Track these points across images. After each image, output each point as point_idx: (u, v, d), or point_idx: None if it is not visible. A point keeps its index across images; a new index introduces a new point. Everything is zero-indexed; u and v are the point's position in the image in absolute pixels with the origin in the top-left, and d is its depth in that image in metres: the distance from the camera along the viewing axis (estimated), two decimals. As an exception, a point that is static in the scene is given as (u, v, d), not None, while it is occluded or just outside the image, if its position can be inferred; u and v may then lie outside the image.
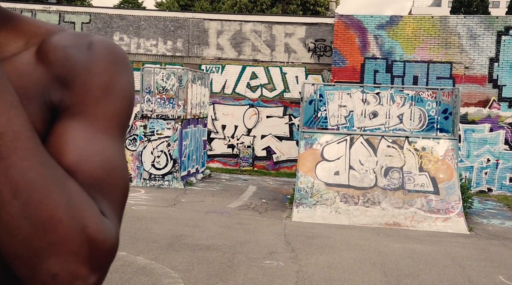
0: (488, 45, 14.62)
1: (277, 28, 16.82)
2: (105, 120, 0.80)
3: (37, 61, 0.81)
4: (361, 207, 10.84)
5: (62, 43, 0.82)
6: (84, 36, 0.84)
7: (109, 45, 0.85)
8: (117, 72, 0.83)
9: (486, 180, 14.67)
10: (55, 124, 0.78)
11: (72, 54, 0.81)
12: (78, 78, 0.80)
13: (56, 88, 0.80)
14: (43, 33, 0.84)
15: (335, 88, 12.88)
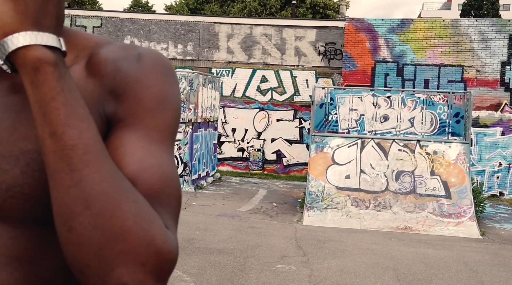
0: (500, 49, 14.54)
1: (288, 31, 16.83)
2: (158, 131, 0.82)
3: (88, 74, 0.82)
4: (372, 211, 10.80)
5: (112, 55, 0.84)
6: (132, 48, 0.86)
7: (157, 56, 0.87)
8: (167, 83, 0.85)
9: (498, 184, 14.58)
10: (111, 136, 0.80)
11: (123, 66, 0.83)
12: (130, 90, 0.82)
13: (109, 100, 0.82)
14: (92, 46, 0.86)
15: (346, 91, 12.86)
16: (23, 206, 0.76)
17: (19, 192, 0.76)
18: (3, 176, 0.76)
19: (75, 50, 0.86)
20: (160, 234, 0.69)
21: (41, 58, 0.68)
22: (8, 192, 0.76)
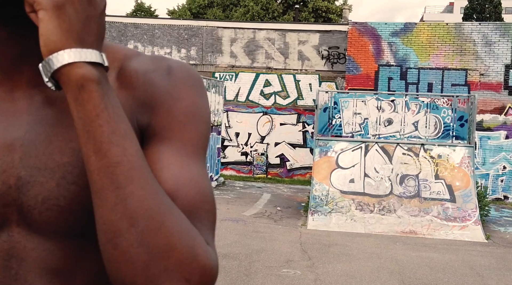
0: (504, 52, 14.54)
1: (291, 35, 16.85)
2: (192, 145, 0.83)
3: (119, 86, 0.83)
4: (376, 215, 10.78)
5: (142, 67, 0.85)
6: (161, 60, 0.87)
7: (187, 69, 0.88)
8: (198, 96, 0.86)
9: (502, 188, 14.55)
10: (146, 150, 0.81)
11: (154, 79, 0.84)
12: (162, 103, 0.82)
13: (142, 112, 0.83)
14: (121, 58, 0.86)
15: (350, 95, 12.86)
16: (58, 218, 0.77)
17: (55, 205, 0.76)
18: (39, 188, 0.76)
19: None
20: (202, 250, 0.70)
21: (85, 76, 0.68)
22: (43, 204, 0.76)
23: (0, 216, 0.77)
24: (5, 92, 0.81)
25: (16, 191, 0.76)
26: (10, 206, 0.77)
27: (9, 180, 0.77)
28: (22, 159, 0.77)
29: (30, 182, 0.76)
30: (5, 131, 0.79)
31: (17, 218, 0.77)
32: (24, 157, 0.77)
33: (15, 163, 0.77)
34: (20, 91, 0.81)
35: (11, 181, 0.77)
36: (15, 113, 0.80)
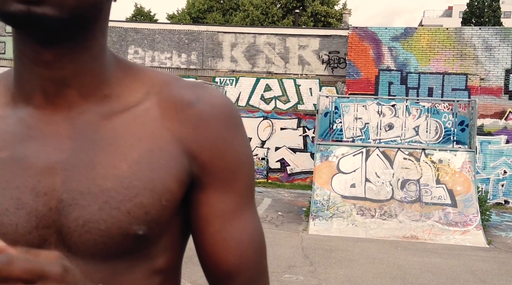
0: (504, 57, 14.56)
1: (291, 40, 16.87)
2: (244, 193, 0.87)
3: (163, 116, 0.84)
4: (378, 220, 10.78)
5: (185, 98, 0.85)
6: (201, 88, 0.88)
7: (230, 106, 0.88)
8: (244, 138, 0.88)
9: (502, 192, 14.55)
10: (194, 194, 0.85)
11: (201, 117, 0.84)
12: (214, 147, 0.84)
13: (190, 150, 0.84)
14: (161, 83, 0.87)
15: (351, 100, 12.87)
16: (97, 241, 0.78)
17: (95, 228, 0.77)
18: (81, 211, 0.77)
19: (145, 86, 0.87)
20: None
21: None
22: (84, 227, 0.77)
23: (40, 238, 0.78)
24: (46, 115, 0.81)
25: (56, 213, 0.78)
26: (50, 228, 0.78)
27: (50, 202, 0.78)
28: (64, 183, 0.78)
29: (71, 205, 0.77)
30: (47, 154, 0.80)
31: (56, 240, 0.78)
32: (66, 181, 0.78)
33: (56, 186, 0.78)
34: (62, 115, 0.82)
35: (52, 203, 0.78)
36: (57, 136, 0.81)
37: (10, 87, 0.84)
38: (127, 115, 0.82)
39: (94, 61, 0.82)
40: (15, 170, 0.79)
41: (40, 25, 0.73)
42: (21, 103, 0.82)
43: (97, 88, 0.82)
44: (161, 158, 0.80)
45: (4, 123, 0.82)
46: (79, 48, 0.79)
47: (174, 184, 0.81)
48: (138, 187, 0.78)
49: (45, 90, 0.81)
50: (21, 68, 0.81)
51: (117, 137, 0.81)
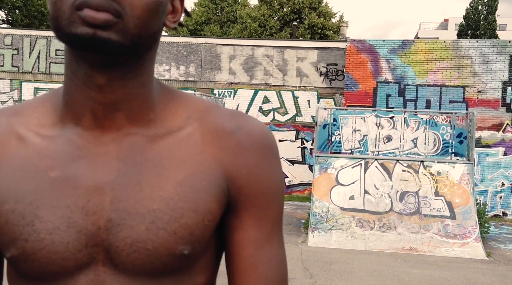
0: (501, 69, 14.64)
1: (289, 52, 16.94)
2: (276, 220, 0.92)
3: (204, 141, 0.88)
4: (377, 232, 10.77)
5: (226, 126, 0.89)
6: (241, 117, 0.92)
7: (268, 135, 0.93)
8: (279, 168, 0.92)
9: (501, 204, 14.56)
10: (229, 218, 0.89)
11: (238, 140, 0.89)
12: (252, 175, 0.88)
13: (227, 170, 0.87)
14: (201, 110, 0.91)
15: (349, 112, 12.91)
16: (144, 261, 0.80)
17: (142, 248, 0.80)
18: (129, 231, 0.80)
19: (187, 111, 0.90)
20: None
21: None
22: (132, 247, 0.80)
23: (89, 255, 0.80)
24: (94, 136, 0.84)
25: (105, 232, 0.80)
26: (98, 246, 0.80)
27: (98, 222, 0.80)
28: (112, 203, 0.81)
29: (120, 224, 0.80)
30: (96, 174, 0.82)
31: (103, 258, 0.81)
32: (114, 201, 0.81)
33: (105, 206, 0.81)
34: (110, 136, 0.85)
35: (101, 222, 0.80)
36: (105, 157, 0.83)
37: (57, 107, 0.87)
38: (171, 139, 0.85)
39: (143, 87, 0.85)
40: (66, 189, 0.81)
41: (103, 49, 0.76)
42: (70, 124, 0.85)
43: (144, 112, 0.86)
44: (203, 181, 0.84)
45: (54, 143, 0.85)
46: (130, 74, 0.83)
47: (214, 206, 0.84)
48: (183, 208, 0.81)
49: (95, 113, 0.84)
50: (73, 89, 0.84)
51: (162, 159, 0.84)
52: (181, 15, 0.91)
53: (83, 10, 0.75)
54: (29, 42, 17.65)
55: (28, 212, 0.81)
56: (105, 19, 0.75)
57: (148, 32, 0.80)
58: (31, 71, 17.68)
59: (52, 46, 17.60)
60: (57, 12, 0.77)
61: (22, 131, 0.87)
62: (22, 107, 0.91)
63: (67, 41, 0.78)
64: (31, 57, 17.67)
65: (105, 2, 0.75)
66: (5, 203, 0.82)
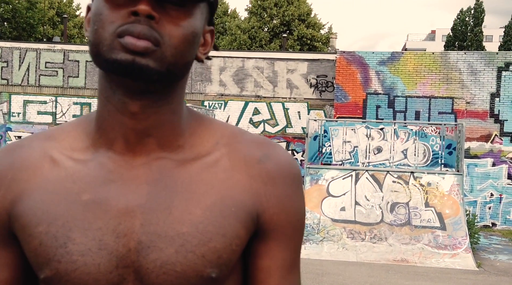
0: (489, 81, 14.79)
1: (279, 64, 17.01)
2: (298, 249, 0.95)
3: (232, 167, 0.90)
4: (368, 243, 10.80)
5: (254, 154, 0.92)
6: (267, 146, 0.95)
7: (294, 165, 0.96)
8: (302, 195, 0.95)
9: (490, 215, 14.66)
10: (254, 243, 0.91)
11: (266, 169, 0.92)
12: (281, 204, 0.91)
13: (255, 198, 0.90)
14: (229, 135, 0.94)
15: (339, 123, 12.98)
16: (173, 282, 0.83)
17: (171, 270, 0.82)
18: (158, 253, 0.82)
19: (215, 137, 0.93)
20: None
21: None
22: (161, 269, 0.82)
23: (119, 277, 0.83)
24: (125, 161, 0.87)
25: (135, 254, 0.83)
26: (128, 268, 0.83)
27: (129, 244, 0.83)
28: (143, 225, 0.83)
29: (150, 247, 0.83)
30: (126, 197, 0.85)
31: (133, 279, 0.83)
32: (145, 224, 0.83)
33: (135, 229, 0.83)
34: (140, 161, 0.87)
35: (131, 244, 0.83)
36: (135, 181, 0.86)
37: (89, 132, 0.90)
38: (200, 164, 0.88)
39: (174, 114, 0.88)
40: (97, 212, 0.84)
41: (140, 75, 0.80)
42: (102, 148, 0.88)
43: (174, 138, 0.89)
44: (232, 206, 0.86)
45: (86, 167, 0.87)
46: (162, 101, 0.86)
47: (242, 231, 0.86)
48: (211, 232, 0.84)
49: (127, 138, 0.87)
50: (106, 115, 0.87)
51: (192, 184, 0.86)
52: (211, 48, 0.94)
53: (124, 37, 0.79)
54: (19, 55, 17.60)
55: (61, 234, 0.83)
56: (145, 46, 0.79)
57: (183, 61, 0.84)
58: (20, 83, 17.62)
59: (42, 59, 17.57)
60: (98, 39, 0.81)
61: (55, 155, 0.90)
62: (54, 132, 0.94)
63: (106, 66, 0.82)
64: (20, 69, 17.61)
65: (146, 30, 0.79)
66: (39, 225, 0.85)
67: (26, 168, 0.89)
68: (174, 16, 0.82)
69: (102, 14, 0.81)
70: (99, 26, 0.82)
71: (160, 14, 0.81)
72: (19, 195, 0.88)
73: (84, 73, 17.52)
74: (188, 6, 0.83)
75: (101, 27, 0.81)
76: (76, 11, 40.52)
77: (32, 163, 0.90)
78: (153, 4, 0.80)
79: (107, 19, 0.81)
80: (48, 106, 17.59)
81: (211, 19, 0.93)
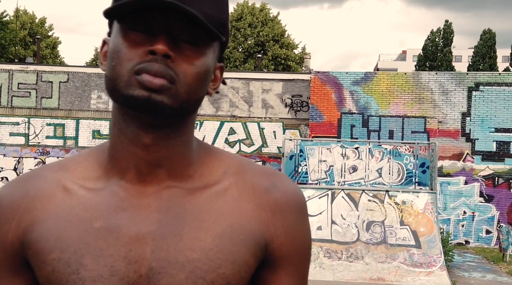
0: (460, 100, 15.10)
1: (254, 84, 17.12)
2: (305, 276, 0.99)
3: (240, 196, 0.94)
4: (344, 262, 10.83)
5: (261, 184, 0.96)
6: (274, 176, 0.98)
7: (300, 194, 0.99)
8: (308, 224, 0.99)
9: (463, 233, 14.86)
10: (267, 272, 0.94)
11: (274, 199, 0.95)
12: (286, 230, 0.95)
13: (264, 227, 0.93)
14: (236, 165, 0.97)
15: (315, 143, 13.08)
16: None
17: None
18: (169, 279, 0.85)
19: (223, 166, 0.96)
20: None
21: None
22: None
23: None
24: (137, 190, 0.90)
25: (146, 280, 0.85)
26: None
27: (140, 270, 0.85)
28: (153, 252, 0.86)
29: (160, 273, 0.85)
30: (137, 225, 0.87)
31: None
32: (155, 250, 0.86)
33: (146, 255, 0.86)
34: (151, 189, 0.90)
35: (142, 270, 0.85)
36: (146, 209, 0.89)
37: (101, 162, 0.93)
38: (209, 193, 0.91)
39: (184, 146, 0.92)
40: (109, 239, 0.86)
41: (155, 111, 0.83)
42: (114, 178, 0.91)
43: (184, 169, 0.92)
44: (241, 234, 0.89)
45: (98, 196, 0.90)
46: (174, 134, 0.90)
47: (251, 259, 0.89)
48: (221, 259, 0.86)
49: (138, 168, 0.90)
50: (119, 146, 0.90)
51: (202, 212, 0.89)
52: (220, 83, 0.99)
53: (141, 75, 0.83)
54: (-9, 75, 17.39)
55: (74, 261, 0.85)
56: (161, 84, 0.83)
57: (196, 97, 0.89)
58: (-8, 104, 17.38)
59: (14, 80, 17.38)
60: (115, 75, 0.85)
61: (68, 184, 0.92)
62: (66, 163, 0.97)
63: (123, 101, 0.85)
64: (-8, 90, 17.39)
65: (163, 69, 0.83)
66: (52, 252, 0.87)
67: (40, 197, 0.92)
68: (188, 55, 0.86)
69: (120, 52, 0.85)
70: (117, 63, 0.85)
71: (175, 53, 0.84)
72: (32, 223, 0.90)
73: (57, 94, 17.37)
74: (202, 45, 0.87)
75: (119, 64, 0.85)
76: (49, 31, 40.27)
77: (45, 192, 0.92)
78: (169, 44, 0.84)
79: (126, 56, 0.84)
80: (20, 127, 17.36)
81: (221, 56, 0.97)
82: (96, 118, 17.30)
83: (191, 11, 0.81)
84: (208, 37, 0.87)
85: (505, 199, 14.80)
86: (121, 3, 0.82)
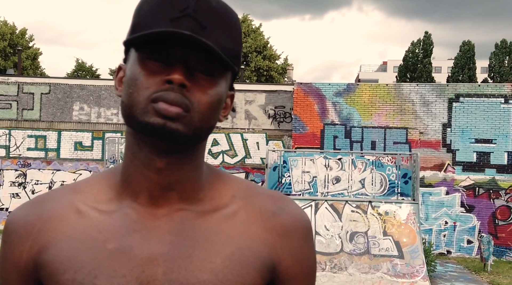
0: (441, 111, 15.29)
1: (237, 95, 17.15)
2: None
3: (249, 220, 0.97)
4: (328, 273, 10.86)
5: (269, 209, 0.99)
6: (280, 200, 1.01)
7: (306, 219, 1.03)
8: (314, 246, 1.03)
9: (445, 243, 14.99)
10: None
11: (281, 222, 0.98)
12: (293, 253, 0.98)
13: (272, 249, 0.96)
14: (244, 188, 1.00)
15: (298, 154, 13.14)
16: None
17: None
18: None
19: (231, 190, 0.99)
20: None
21: None
22: None
23: None
24: (149, 212, 0.93)
25: None
26: None
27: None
28: (165, 273, 0.88)
29: None
30: (150, 246, 0.90)
31: None
32: (167, 271, 0.88)
33: (158, 276, 0.88)
34: (162, 212, 0.93)
35: None
36: (158, 231, 0.91)
37: (114, 185, 0.96)
38: (218, 216, 0.94)
39: (195, 170, 0.95)
40: (122, 260, 0.89)
41: (170, 138, 0.86)
42: (127, 200, 0.93)
43: (195, 192, 0.95)
44: (250, 256, 0.92)
45: (110, 218, 0.93)
46: (186, 159, 0.93)
47: (259, 280, 0.92)
48: (231, 280, 0.89)
49: (151, 192, 0.92)
50: (132, 170, 0.93)
51: (212, 234, 0.92)
52: (229, 111, 1.02)
53: (158, 103, 0.86)
54: (-29, 87, 17.21)
55: (87, 282, 0.88)
56: (177, 112, 0.86)
57: (208, 125, 0.91)
58: (-28, 116, 17.19)
59: (-5, 91, 17.22)
60: (132, 102, 0.88)
61: (81, 206, 0.95)
62: (79, 185, 0.99)
63: (139, 128, 0.88)
64: (-28, 102, 17.20)
65: (178, 98, 0.86)
66: (65, 273, 0.89)
67: (53, 219, 0.94)
68: (203, 84, 0.89)
69: (137, 80, 0.88)
70: (134, 90, 0.88)
71: (190, 83, 0.87)
72: (45, 245, 0.92)
73: (39, 106, 17.24)
74: (216, 75, 0.91)
75: (136, 92, 0.88)
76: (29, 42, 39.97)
77: (58, 214, 0.95)
78: (185, 74, 0.87)
79: (143, 84, 0.87)
80: (1, 139, 17.18)
81: (232, 84, 1.00)
82: (78, 130, 17.18)
83: (209, 45, 0.84)
84: (222, 68, 0.90)
85: (486, 209, 14.97)
86: (143, 34, 0.84)
